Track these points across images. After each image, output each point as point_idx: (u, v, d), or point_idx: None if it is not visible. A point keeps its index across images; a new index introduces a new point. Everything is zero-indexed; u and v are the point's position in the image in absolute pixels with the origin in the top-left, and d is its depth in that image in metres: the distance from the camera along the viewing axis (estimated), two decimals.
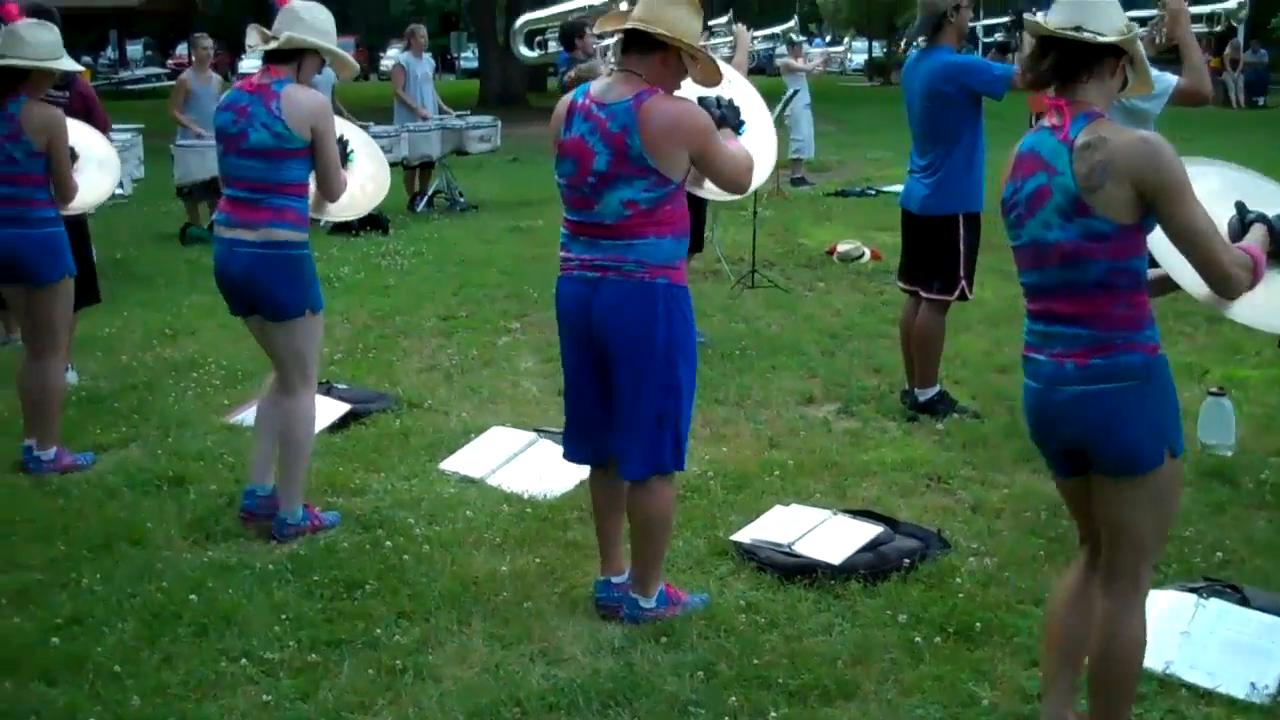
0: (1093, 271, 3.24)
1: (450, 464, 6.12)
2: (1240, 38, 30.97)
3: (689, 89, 4.46)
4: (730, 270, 10.74)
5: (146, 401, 7.18)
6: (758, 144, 4.81)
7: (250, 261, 5.12)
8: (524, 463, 6.00)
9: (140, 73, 41.21)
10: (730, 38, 9.02)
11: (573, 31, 11.47)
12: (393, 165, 14.34)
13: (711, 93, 4.63)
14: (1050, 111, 3.34)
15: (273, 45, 5.14)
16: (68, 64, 6.13)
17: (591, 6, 13.08)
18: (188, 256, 12.12)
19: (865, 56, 50.45)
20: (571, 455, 4.64)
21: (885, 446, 6.33)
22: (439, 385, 7.58)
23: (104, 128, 7.72)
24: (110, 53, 48.39)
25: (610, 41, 12.65)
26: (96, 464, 6.20)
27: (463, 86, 38.84)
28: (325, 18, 5.23)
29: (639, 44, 4.27)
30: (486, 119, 15.64)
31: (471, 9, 35.54)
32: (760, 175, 4.73)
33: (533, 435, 6.24)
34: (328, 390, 7.08)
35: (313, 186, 5.30)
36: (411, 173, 15.19)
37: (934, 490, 5.77)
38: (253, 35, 5.31)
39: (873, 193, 16.44)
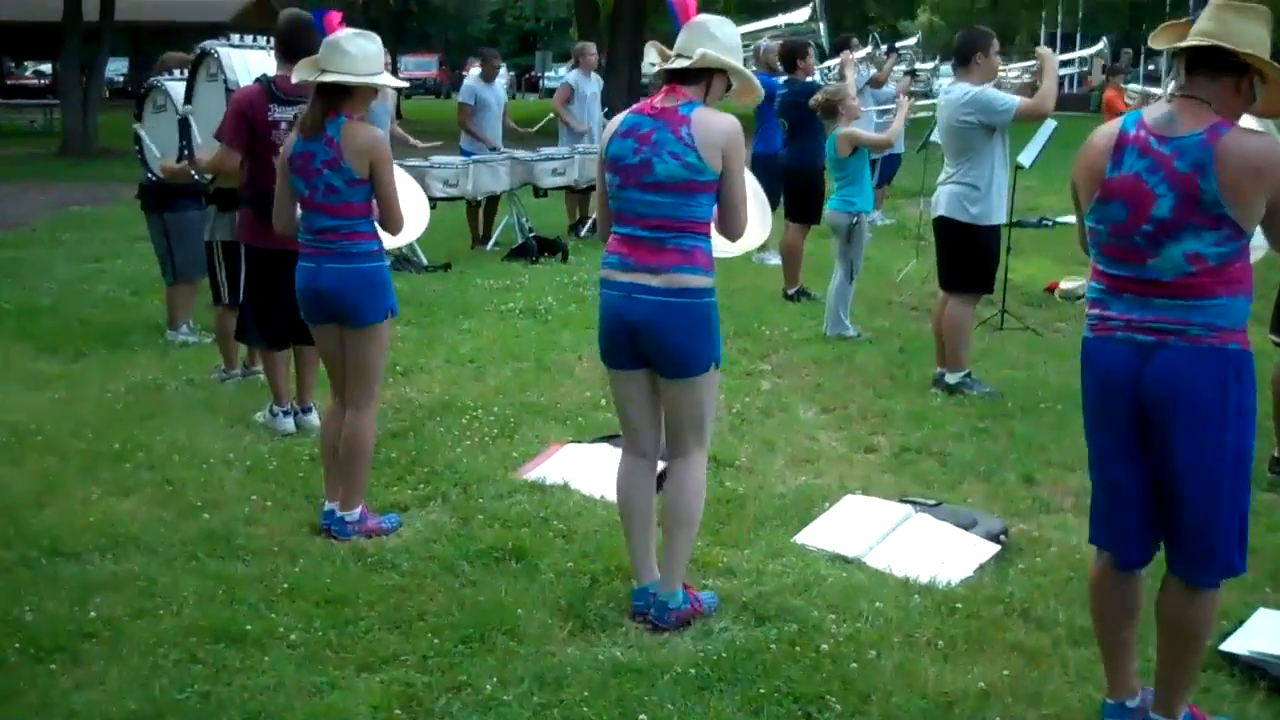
0: None
1: (810, 538, 5.38)
2: None
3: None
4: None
5: (424, 453, 6.47)
6: None
7: (654, 311, 4.40)
8: (903, 540, 5.26)
9: None
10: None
11: (795, 52, 10.78)
12: (562, 189, 13.83)
13: None
14: None
15: (682, 64, 4.44)
16: (391, 79, 5.47)
17: (790, 25, 12.41)
18: None
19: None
20: (1128, 557, 3.79)
21: None
22: (730, 438, 6.85)
23: None
24: None
25: (833, 62, 11.96)
26: (404, 529, 5.51)
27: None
28: (736, 34, 4.55)
29: (1208, 65, 3.55)
30: None
31: (580, 30, 34.89)
32: None
33: (905, 509, 5.50)
34: None
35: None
36: (574, 197, 14.53)
37: None
38: (651, 53, 4.63)
39: (1049, 224, 15.63)
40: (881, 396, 7.74)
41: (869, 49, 12.27)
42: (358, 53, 5.24)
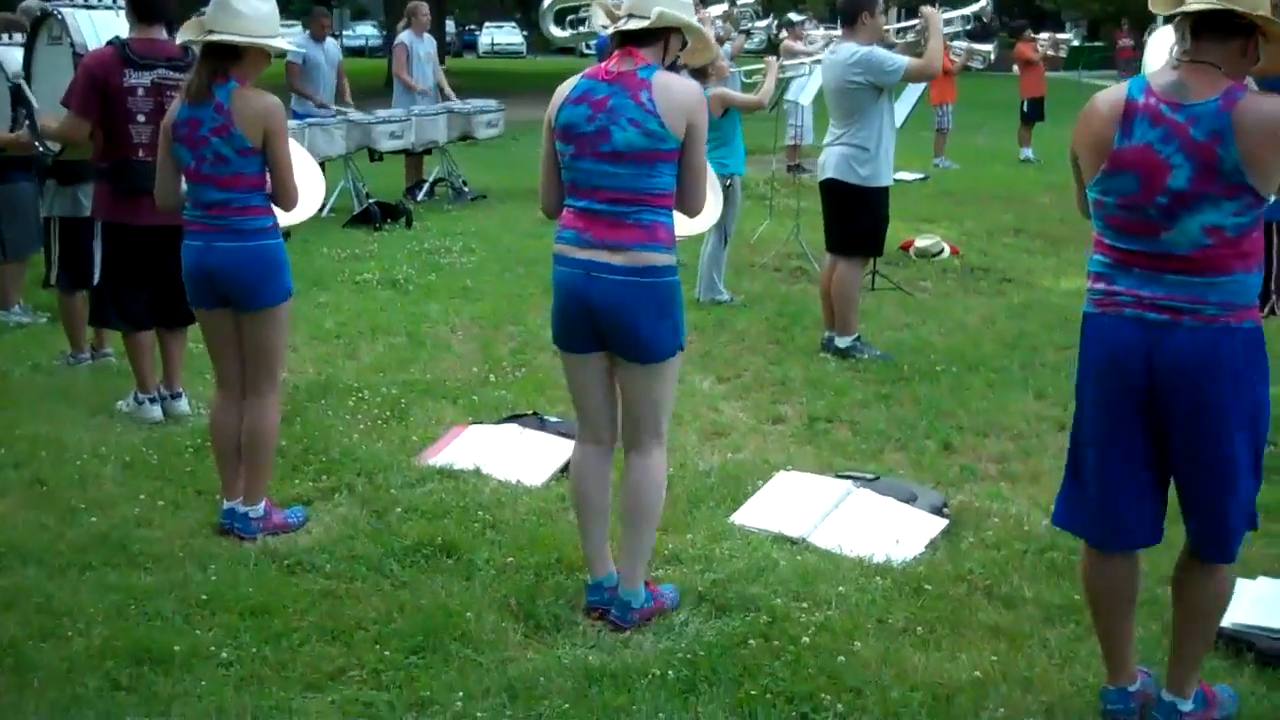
0: None
1: (748, 519, 5.16)
2: None
3: None
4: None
5: (315, 440, 6.03)
6: None
7: (616, 291, 4.07)
8: (847, 518, 5.08)
9: None
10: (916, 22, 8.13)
11: None
12: (399, 152, 13.32)
13: None
14: None
15: (638, 24, 4.10)
16: (284, 43, 5.03)
17: None
18: None
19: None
20: (1117, 541, 3.65)
21: None
22: None
23: None
24: None
25: (714, 11, 11.60)
26: (314, 525, 5.11)
27: (359, 66, 36.96)
28: None
29: (1214, 28, 3.39)
30: (492, 103, 14.54)
31: None
32: None
33: (843, 484, 5.32)
34: (542, 424, 6.08)
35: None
36: (412, 160, 14.04)
37: None
38: (600, 15, 4.30)
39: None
40: (773, 363, 7.58)
41: (724, 7, 12.04)
42: (250, 12, 4.79)
